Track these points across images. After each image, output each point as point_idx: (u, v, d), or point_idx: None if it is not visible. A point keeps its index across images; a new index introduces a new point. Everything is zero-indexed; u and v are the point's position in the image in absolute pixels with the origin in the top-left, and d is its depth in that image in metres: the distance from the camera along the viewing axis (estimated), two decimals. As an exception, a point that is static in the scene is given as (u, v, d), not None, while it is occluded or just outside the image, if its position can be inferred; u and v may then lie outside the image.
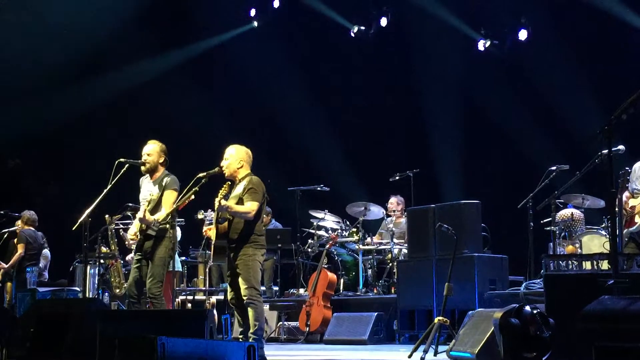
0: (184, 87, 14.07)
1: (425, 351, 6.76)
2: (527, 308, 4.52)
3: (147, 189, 7.28)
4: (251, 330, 6.70)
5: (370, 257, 10.85)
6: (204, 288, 11.04)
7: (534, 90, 11.68)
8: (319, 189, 11.64)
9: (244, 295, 6.74)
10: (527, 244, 8.85)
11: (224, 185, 6.73)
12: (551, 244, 8.74)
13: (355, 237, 10.85)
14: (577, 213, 8.75)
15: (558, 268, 5.73)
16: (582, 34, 11.38)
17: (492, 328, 6.12)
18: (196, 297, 10.87)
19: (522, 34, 12.12)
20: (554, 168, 8.66)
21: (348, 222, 11.16)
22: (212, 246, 6.95)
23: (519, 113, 11.78)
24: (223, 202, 6.66)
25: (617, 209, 6.96)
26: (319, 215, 11.23)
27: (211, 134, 13.23)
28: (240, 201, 6.79)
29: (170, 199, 7.06)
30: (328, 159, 13.28)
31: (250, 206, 6.76)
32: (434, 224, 8.77)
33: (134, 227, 7.33)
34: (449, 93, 12.33)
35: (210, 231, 7.10)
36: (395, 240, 10.60)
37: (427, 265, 9.01)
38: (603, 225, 8.69)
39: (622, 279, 4.55)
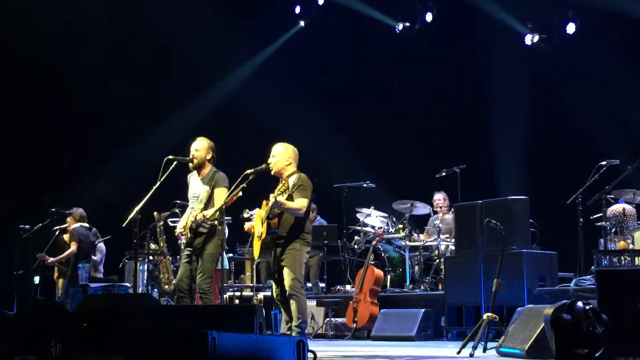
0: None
1: (474, 347, 6.71)
2: (580, 304, 4.46)
3: (196, 186, 7.35)
4: (294, 323, 6.75)
5: (417, 253, 10.81)
6: (251, 284, 11.11)
7: (582, 85, 11.51)
8: (364, 185, 11.63)
9: (288, 287, 6.80)
10: (576, 240, 8.75)
11: (283, 181, 6.76)
12: (602, 239, 8.62)
13: (402, 234, 10.82)
14: (629, 208, 8.61)
15: (610, 264, 5.66)
16: (631, 26, 11.17)
17: (543, 324, 6.06)
18: (244, 294, 10.95)
19: (570, 28, 11.96)
20: (604, 163, 8.55)
21: (394, 219, 11.13)
22: (259, 242, 7.00)
23: (568, 107, 11.63)
24: (279, 198, 6.70)
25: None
26: (365, 211, 11.22)
27: (257, 131, 13.31)
28: (289, 198, 6.84)
29: (221, 197, 7.13)
30: (374, 155, 13.25)
31: (301, 202, 6.83)
32: (481, 220, 8.71)
33: (182, 221, 7.42)
34: (497, 88, 12.20)
35: (253, 228, 7.15)
36: (441, 236, 10.55)
37: (474, 262, 8.95)
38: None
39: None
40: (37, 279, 11.57)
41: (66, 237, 11.60)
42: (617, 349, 4.51)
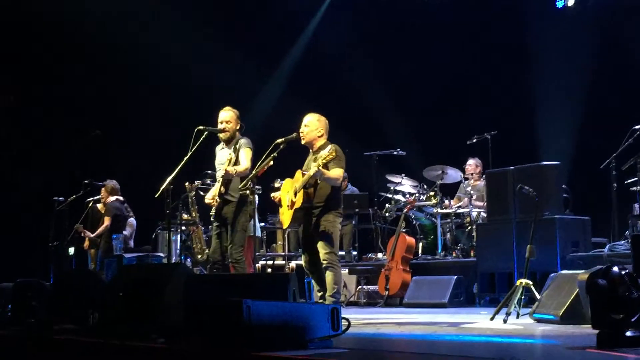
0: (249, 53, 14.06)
1: (508, 313, 6.70)
2: (615, 269, 4.41)
3: (222, 154, 7.38)
4: (329, 293, 6.79)
5: (448, 220, 10.79)
6: (283, 253, 11.17)
7: (614, 47, 11.34)
8: (395, 153, 11.59)
9: (324, 260, 6.82)
10: (610, 206, 8.67)
11: (331, 151, 6.71)
12: (637, 204, 8.53)
13: (433, 201, 10.79)
14: (665, 172, 8.50)
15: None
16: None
17: (576, 290, 6.04)
18: (275, 262, 11.01)
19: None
20: (638, 127, 8.43)
21: (425, 186, 11.10)
22: (291, 211, 7.01)
23: (600, 71, 11.46)
24: (321, 169, 6.70)
25: None
26: (396, 179, 11.21)
27: (283, 103, 13.31)
28: (324, 168, 6.84)
29: (247, 156, 7.16)
30: (404, 123, 13.19)
31: (339, 172, 6.84)
32: (513, 186, 8.65)
33: (212, 191, 7.46)
34: (527, 53, 12.06)
35: (281, 197, 7.17)
36: (473, 203, 10.50)
37: (506, 228, 8.91)
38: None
39: None
40: (72, 250, 11.72)
41: (100, 207, 11.72)
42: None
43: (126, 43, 13.10)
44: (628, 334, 4.27)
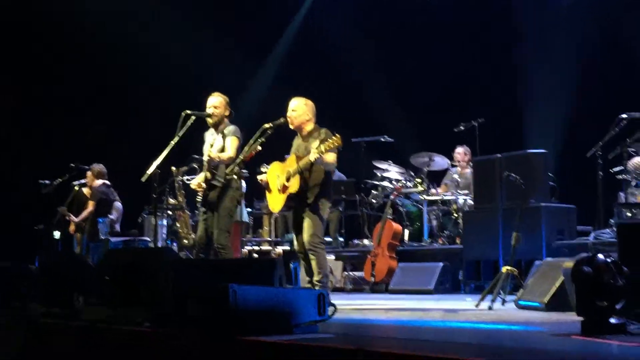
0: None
1: (493, 300, 6.74)
2: (601, 256, 4.44)
3: (210, 141, 7.36)
4: (316, 278, 6.79)
5: (435, 207, 10.82)
6: (269, 239, 11.17)
7: (604, 39, 11.39)
8: (382, 140, 11.60)
9: (306, 242, 6.82)
10: (595, 194, 8.71)
11: (335, 137, 6.66)
12: (622, 193, 8.58)
13: (420, 188, 10.81)
14: (650, 161, 8.55)
15: (631, 216, 5.64)
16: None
17: (561, 277, 6.08)
18: (262, 248, 11.01)
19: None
20: (624, 116, 8.45)
21: (412, 173, 11.12)
22: (284, 195, 6.98)
23: (589, 61, 11.49)
24: (316, 154, 6.63)
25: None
26: (383, 166, 11.21)
27: (272, 87, 13.28)
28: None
29: (233, 144, 7.14)
30: (391, 109, 13.19)
31: (333, 157, 6.82)
32: (500, 174, 8.69)
33: (198, 178, 7.44)
34: (516, 41, 12.08)
35: (268, 180, 7.13)
36: (460, 191, 10.53)
37: (493, 216, 8.95)
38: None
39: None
40: (57, 234, 11.68)
41: (86, 191, 11.67)
42: (638, 301, 4.50)
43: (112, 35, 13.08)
44: (612, 321, 4.30)
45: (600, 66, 11.38)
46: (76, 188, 11.56)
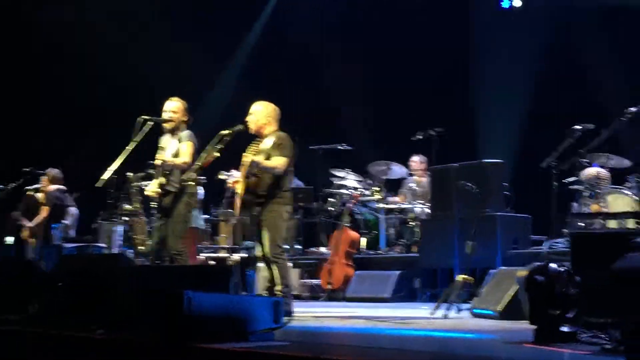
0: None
1: (448, 309, 6.78)
2: (553, 265, 4.51)
3: (165, 145, 7.29)
4: (278, 288, 6.75)
5: (392, 216, 10.86)
6: (226, 246, 11.10)
7: (559, 48, 11.56)
8: (340, 147, 11.61)
9: (267, 253, 6.79)
10: (549, 204, 8.81)
11: (256, 141, 6.72)
12: (575, 203, 8.70)
13: (377, 196, 10.85)
14: (603, 172, 8.67)
15: (584, 227, 5.73)
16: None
17: (515, 286, 6.14)
18: (219, 255, 10.94)
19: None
20: (578, 127, 8.57)
21: (370, 181, 11.14)
22: (239, 200, 6.96)
23: (544, 71, 11.64)
24: (255, 157, 6.67)
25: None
26: (341, 174, 11.22)
27: (232, 91, 13.23)
28: (268, 157, 6.81)
29: (188, 150, 7.08)
30: (350, 117, 13.21)
31: (278, 161, 6.79)
32: (456, 183, 8.74)
33: (152, 184, 7.35)
34: (471, 51, 12.21)
35: (237, 184, 7.09)
36: (417, 199, 10.59)
37: (449, 225, 8.97)
38: (628, 185, 8.61)
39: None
40: (10, 240, 11.48)
41: (40, 196, 11.49)
42: (589, 310, 4.57)
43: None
44: (564, 329, 4.36)
45: (554, 76, 11.54)
46: (29, 193, 11.37)
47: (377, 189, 10.91)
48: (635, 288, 3.90)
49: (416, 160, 11.13)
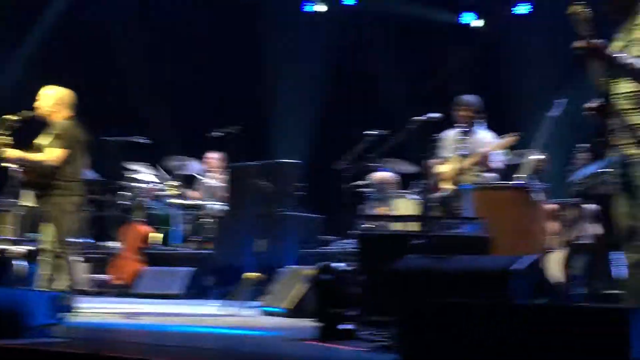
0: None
1: (238, 306, 6.80)
2: (339, 265, 4.64)
3: None
4: (59, 282, 6.46)
5: (187, 211, 10.75)
6: (9, 237, 10.53)
7: (356, 53, 12.00)
8: (136, 140, 11.32)
9: (51, 247, 6.49)
10: (340, 205, 9.06)
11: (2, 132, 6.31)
12: (364, 205, 9.00)
13: (173, 191, 10.69)
14: (391, 176, 9.05)
15: (370, 228, 5.93)
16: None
17: (304, 284, 6.26)
18: (1, 246, 10.36)
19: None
20: (371, 132, 8.86)
21: (166, 176, 10.96)
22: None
23: (339, 76, 12.00)
24: (10, 153, 6.28)
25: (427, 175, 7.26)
26: (135, 167, 10.96)
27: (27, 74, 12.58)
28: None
29: None
30: (149, 111, 12.92)
31: (50, 153, 6.44)
32: (252, 181, 8.80)
33: None
34: (271, 55, 12.38)
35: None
36: (213, 196, 10.55)
37: (243, 222, 9.04)
38: (413, 190, 9.02)
39: (429, 239, 4.77)
40: None
41: None
42: (373, 309, 4.72)
43: None
44: (341, 327, 4.49)
45: (346, 83, 11.94)
46: None
47: (173, 184, 10.76)
48: (410, 287, 4.09)
49: (213, 157, 11.08)
